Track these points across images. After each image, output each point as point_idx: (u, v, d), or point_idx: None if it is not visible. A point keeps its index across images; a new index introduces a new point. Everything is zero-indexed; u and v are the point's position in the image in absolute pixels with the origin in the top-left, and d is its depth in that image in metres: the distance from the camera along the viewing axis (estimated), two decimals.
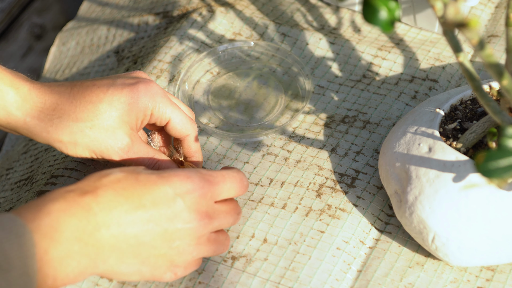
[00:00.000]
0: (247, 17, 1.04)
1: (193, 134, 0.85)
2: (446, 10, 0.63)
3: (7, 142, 1.10)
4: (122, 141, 0.82)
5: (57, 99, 0.81)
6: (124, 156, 0.82)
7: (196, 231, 0.75)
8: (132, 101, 0.81)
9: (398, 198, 0.82)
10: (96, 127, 0.81)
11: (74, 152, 0.82)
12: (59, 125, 0.81)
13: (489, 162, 0.65)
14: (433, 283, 0.81)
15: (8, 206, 0.91)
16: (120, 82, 0.82)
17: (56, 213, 0.70)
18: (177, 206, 0.74)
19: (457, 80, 0.98)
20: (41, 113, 0.81)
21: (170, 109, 0.83)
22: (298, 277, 0.81)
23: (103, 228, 0.71)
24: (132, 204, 0.73)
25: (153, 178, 0.74)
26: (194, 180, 0.75)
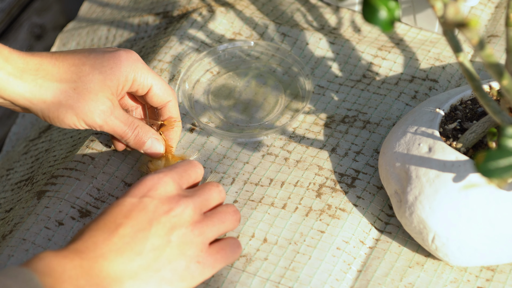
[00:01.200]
0: (247, 17, 1.04)
1: (173, 100, 0.86)
2: (446, 10, 0.63)
3: (8, 142, 1.10)
4: (104, 104, 0.82)
5: (40, 61, 0.81)
6: (106, 119, 0.82)
7: (181, 212, 0.75)
8: (114, 65, 0.82)
9: (398, 198, 0.82)
10: (80, 88, 0.81)
11: (56, 115, 0.82)
12: (43, 85, 0.80)
13: (489, 162, 0.65)
14: (433, 283, 0.81)
15: (8, 207, 0.91)
16: (100, 50, 0.83)
17: (47, 257, 0.70)
18: (148, 205, 0.74)
19: (457, 80, 0.98)
20: (24, 73, 0.80)
21: (151, 76, 0.84)
22: (298, 277, 0.81)
23: (100, 259, 0.72)
24: (109, 229, 0.73)
25: (114, 202, 0.75)
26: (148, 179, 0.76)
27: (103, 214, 0.75)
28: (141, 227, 0.73)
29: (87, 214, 0.85)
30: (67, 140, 0.96)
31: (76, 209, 0.85)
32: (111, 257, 0.72)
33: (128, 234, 0.73)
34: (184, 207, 0.75)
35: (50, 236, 0.83)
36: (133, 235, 0.73)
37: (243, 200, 0.87)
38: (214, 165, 0.90)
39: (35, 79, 0.80)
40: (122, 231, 0.73)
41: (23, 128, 1.10)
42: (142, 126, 0.85)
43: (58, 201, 0.86)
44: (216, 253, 0.76)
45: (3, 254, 0.82)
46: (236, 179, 0.89)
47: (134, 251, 0.73)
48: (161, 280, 0.73)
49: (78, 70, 0.81)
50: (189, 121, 0.94)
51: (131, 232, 0.73)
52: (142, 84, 0.84)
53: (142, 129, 0.85)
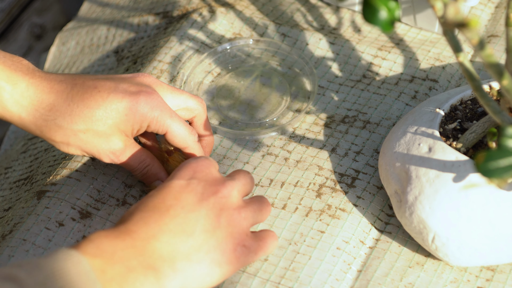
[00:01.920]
0: (247, 17, 1.04)
1: (192, 146, 0.85)
2: (446, 10, 0.63)
3: (6, 141, 1.10)
4: (114, 146, 0.82)
5: (54, 100, 0.81)
6: (114, 159, 0.83)
7: (228, 193, 0.76)
8: (129, 112, 0.81)
9: (398, 198, 0.82)
10: (90, 132, 0.81)
11: (66, 150, 0.83)
12: (53, 127, 0.81)
13: (489, 162, 0.65)
14: (433, 283, 0.81)
15: (7, 205, 0.91)
16: (122, 88, 0.82)
17: (97, 239, 0.71)
18: (196, 186, 0.75)
19: (457, 80, 0.98)
20: (36, 112, 0.81)
21: (169, 121, 0.83)
22: (298, 277, 0.81)
23: (152, 239, 0.72)
24: (159, 211, 0.74)
25: (161, 186, 0.76)
26: (192, 162, 0.77)
27: (151, 197, 0.75)
28: (191, 208, 0.74)
29: (87, 215, 0.85)
30: None
31: (76, 210, 0.85)
32: (163, 238, 0.72)
33: (179, 215, 0.74)
34: (230, 189, 0.76)
35: (51, 237, 0.83)
36: (184, 216, 0.74)
37: None
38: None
39: (46, 120, 0.81)
40: (173, 212, 0.74)
41: None
42: (152, 166, 0.85)
43: (58, 202, 0.86)
44: (259, 240, 0.77)
45: (3, 254, 0.82)
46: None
47: (186, 232, 0.73)
48: (211, 261, 0.74)
49: (91, 114, 0.81)
50: None
51: (182, 213, 0.74)
52: (158, 129, 0.83)
53: (151, 169, 0.85)
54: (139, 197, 0.87)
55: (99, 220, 0.85)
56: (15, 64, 0.81)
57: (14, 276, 0.65)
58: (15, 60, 0.81)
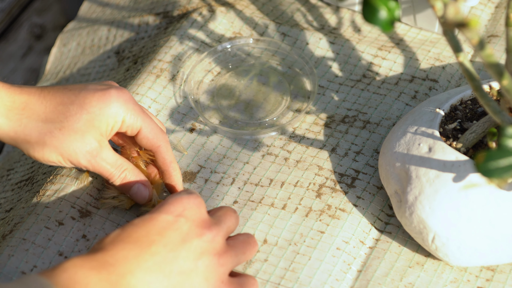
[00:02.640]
0: (247, 17, 1.04)
1: (165, 145, 0.84)
2: (446, 10, 0.63)
3: None
4: (90, 145, 0.81)
5: (27, 99, 0.80)
6: (92, 161, 0.81)
7: (212, 238, 0.74)
8: (103, 105, 0.80)
9: (398, 198, 0.82)
10: (66, 128, 0.80)
11: (41, 155, 0.81)
12: (28, 125, 0.80)
13: (489, 162, 0.65)
14: (433, 283, 0.81)
15: (8, 207, 0.91)
16: (92, 87, 0.82)
17: (72, 268, 0.69)
18: (182, 225, 0.73)
19: (457, 80, 0.98)
20: (10, 112, 0.80)
21: (141, 117, 0.82)
22: (298, 277, 0.81)
23: (128, 275, 0.70)
24: (141, 245, 0.72)
25: (147, 216, 0.74)
26: (184, 198, 0.75)
27: (135, 226, 0.73)
28: (173, 247, 0.72)
29: (87, 214, 0.85)
30: None
31: (76, 209, 0.85)
32: (140, 276, 0.71)
33: (160, 253, 0.72)
34: (215, 234, 0.74)
35: (50, 236, 0.83)
36: (164, 255, 0.72)
37: (243, 200, 0.87)
38: (214, 165, 0.90)
39: (20, 119, 0.80)
40: (155, 248, 0.72)
41: None
42: (130, 170, 0.84)
43: (58, 201, 0.86)
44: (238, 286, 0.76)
45: (3, 254, 0.82)
46: (236, 179, 0.89)
47: (164, 272, 0.72)
48: None
49: (66, 109, 0.80)
50: (189, 121, 0.94)
51: (163, 251, 0.72)
52: (132, 126, 0.82)
53: (129, 173, 0.83)
54: None
55: (98, 219, 0.85)
56: None
57: None
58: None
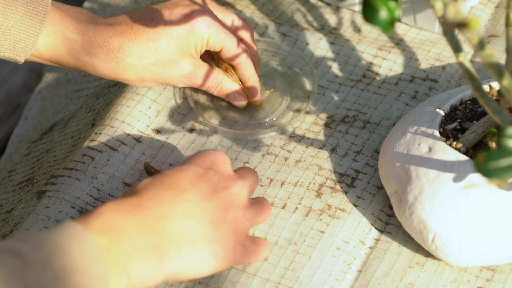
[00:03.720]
0: (247, 17, 1.04)
1: (244, 62, 0.90)
2: (446, 10, 0.63)
3: (10, 145, 1.10)
4: (185, 69, 0.88)
5: (120, 41, 0.86)
6: (188, 82, 0.89)
7: (238, 192, 0.77)
8: (189, 34, 0.86)
9: (398, 198, 0.82)
10: (159, 62, 0.87)
11: (141, 85, 0.89)
12: (125, 67, 0.87)
13: (489, 162, 0.65)
14: (433, 283, 0.81)
15: (9, 208, 0.91)
16: (176, 13, 0.87)
17: (107, 213, 0.71)
18: (211, 177, 0.76)
19: (457, 80, 0.98)
20: (107, 56, 0.86)
21: (224, 36, 0.88)
22: (298, 277, 0.81)
23: (163, 219, 0.72)
24: (175, 191, 0.74)
25: (177, 167, 0.77)
26: (211, 153, 0.79)
27: (167, 175, 0.76)
28: (205, 196, 0.75)
29: None
30: (68, 141, 0.96)
31: (76, 209, 0.85)
32: (174, 219, 0.73)
33: (193, 200, 0.74)
34: (241, 187, 0.77)
35: None
36: (196, 202, 0.74)
37: None
38: None
39: (117, 61, 0.86)
40: (188, 195, 0.74)
41: (26, 130, 1.10)
42: (225, 81, 0.91)
43: (58, 201, 0.86)
44: (256, 244, 0.78)
45: None
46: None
47: (196, 218, 0.74)
48: (212, 253, 0.74)
49: (156, 46, 0.86)
50: (189, 122, 0.94)
51: (196, 199, 0.74)
52: (214, 46, 0.88)
53: (225, 84, 0.91)
54: None
55: None
56: (79, 15, 0.86)
57: (17, 251, 0.65)
58: (77, 11, 0.87)
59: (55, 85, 1.11)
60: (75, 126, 0.98)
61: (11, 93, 1.43)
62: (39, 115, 1.09)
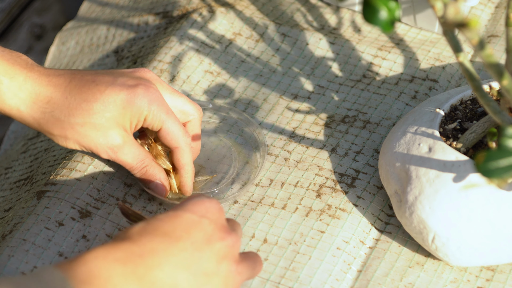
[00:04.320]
0: (247, 17, 1.04)
1: (183, 147, 0.84)
2: (446, 10, 0.63)
3: (6, 141, 1.10)
4: (112, 141, 0.82)
5: (52, 92, 0.81)
6: (113, 156, 0.83)
7: (232, 244, 0.73)
8: (127, 105, 0.81)
9: (398, 198, 0.82)
10: (88, 125, 0.81)
11: (64, 144, 0.83)
12: (50, 120, 0.81)
13: (489, 162, 0.65)
14: (433, 283, 0.81)
15: (7, 206, 0.91)
16: (120, 82, 0.82)
17: (93, 261, 0.66)
18: (206, 227, 0.72)
19: (457, 80, 0.98)
20: (34, 105, 0.81)
21: (164, 117, 0.83)
22: (298, 277, 0.81)
23: (156, 269, 0.68)
24: (169, 239, 0.70)
25: (172, 213, 0.72)
26: (206, 201, 0.74)
27: (161, 221, 0.71)
28: (199, 246, 0.71)
29: (87, 215, 0.85)
30: None
31: (76, 210, 0.85)
32: (167, 270, 0.68)
33: (187, 249, 0.70)
34: (235, 240, 0.73)
35: (50, 236, 0.83)
36: (191, 252, 0.70)
37: (243, 200, 0.87)
38: (214, 165, 0.90)
39: (43, 112, 0.81)
40: (182, 244, 0.70)
41: (22, 127, 1.10)
42: (151, 166, 0.84)
43: (58, 202, 0.86)
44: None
45: (3, 254, 0.82)
46: (237, 179, 0.89)
47: (190, 270, 0.70)
48: None
49: (89, 107, 0.81)
50: None
51: (190, 249, 0.70)
52: (152, 125, 0.83)
53: (150, 169, 0.84)
54: (139, 196, 0.87)
55: (99, 219, 0.85)
56: (14, 59, 0.81)
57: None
58: (13, 55, 0.81)
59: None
60: None
61: None
62: None
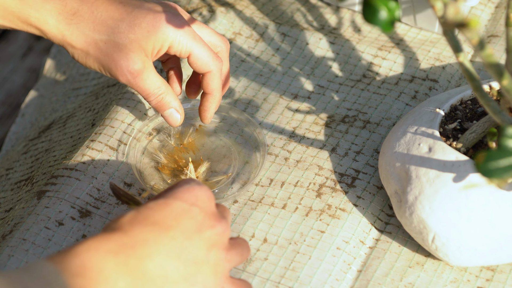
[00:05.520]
0: (247, 17, 1.04)
1: (215, 72, 0.84)
2: (446, 10, 0.63)
3: (7, 142, 1.10)
4: (133, 64, 0.81)
5: (79, 5, 0.81)
6: (131, 80, 0.82)
7: (222, 232, 0.72)
8: (152, 29, 0.80)
9: (398, 198, 0.82)
10: (111, 43, 0.81)
11: (84, 61, 0.82)
12: (75, 32, 0.81)
13: (489, 162, 0.65)
14: (433, 283, 0.81)
15: (8, 207, 0.91)
16: (147, 6, 0.82)
17: (85, 253, 0.65)
18: (197, 215, 0.71)
19: (457, 80, 0.98)
20: (60, 15, 0.81)
21: (191, 43, 0.82)
22: (298, 277, 0.81)
23: (147, 259, 0.67)
24: (160, 228, 0.69)
25: (161, 201, 0.72)
26: (196, 188, 0.73)
27: (151, 210, 0.70)
28: (189, 235, 0.70)
29: (87, 214, 0.85)
30: (67, 140, 0.96)
31: (76, 209, 0.86)
32: (158, 260, 0.68)
33: (177, 239, 0.69)
34: (225, 228, 0.72)
35: (50, 236, 0.83)
36: (181, 241, 0.69)
37: (243, 200, 0.87)
38: (214, 165, 0.90)
39: (69, 23, 0.81)
40: (172, 233, 0.69)
41: (23, 128, 1.10)
42: (167, 94, 0.84)
43: (58, 201, 0.86)
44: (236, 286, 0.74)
45: (3, 254, 0.82)
46: (236, 179, 0.89)
47: (180, 259, 0.69)
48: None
49: (115, 25, 0.80)
50: (188, 121, 0.94)
51: (180, 238, 0.70)
52: (180, 51, 0.82)
53: (166, 98, 0.84)
54: (138, 195, 0.87)
55: (99, 219, 0.85)
56: None
57: None
58: None
59: (53, 83, 1.11)
60: (75, 125, 0.98)
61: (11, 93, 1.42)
62: (36, 112, 1.09)
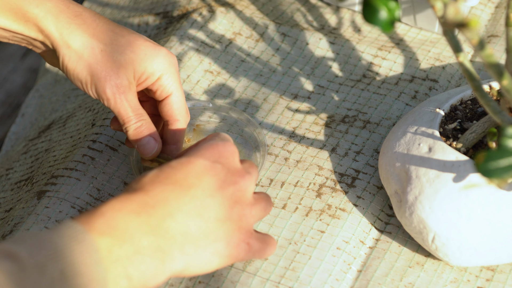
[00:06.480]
0: (247, 17, 1.04)
1: (183, 124, 0.84)
2: (446, 10, 0.63)
3: (7, 142, 1.10)
4: (122, 80, 0.81)
5: (82, 11, 0.81)
6: (116, 96, 0.81)
7: (245, 188, 0.73)
8: (150, 54, 0.81)
9: (398, 198, 0.82)
10: (107, 53, 0.81)
11: (73, 66, 0.81)
12: (75, 31, 0.80)
13: (489, 162, 0.65)
14: (433, 283, 0.81)
15: (8, 207, 0.91)
16: (145, 38, 0.83)
17: (110, 212, 0.67)
18: (219, 172, 0.72)
19: (457, 80, 0.98)
20: (61, 14, 0.80)
21: (176, 86, 0.83)
22: (298, 276, 0.81)
23: (168, 218, 0.69)
24: (181, 187, 0.71)
25: (184, 159, 0.73)
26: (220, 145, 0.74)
27: (173, 168, 0.72)
28: (211, 193, 0.71)
29: None
30: (67, 140, 0.96)
31: (76, 209, 0.86)
32: (180, 219, 0.70)
33: (199, 197, 0.71)
34: (248, 183, 0.74)
35: None
36: (202, 199, 0.71)
37: None
38: None
39: (69, 23, 0.80)
40: (194, 192, 0.71)
41: (23, 128, 1.10)
42: (148, 121, 0.83)
43: (58, 201, 0.86)
44: (262, 242, 0.75)
45: None
46: None
47: (202, 216, 0.71)
48: (215, 251, 0.71)
49: (115, 38, 0.81)
50: (189, 121, 0.94)
51: (202, 196, 0.71)
52: (164, 88, 0.83)
53: (146, 124, 0.83)
54: None
55: None
56: None
57: (14, 255, 0.63)
58: None
59: (53, 83, 1.11)
60: (74, 125, 0.98)
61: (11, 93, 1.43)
62: (36, 112, 1.09)
